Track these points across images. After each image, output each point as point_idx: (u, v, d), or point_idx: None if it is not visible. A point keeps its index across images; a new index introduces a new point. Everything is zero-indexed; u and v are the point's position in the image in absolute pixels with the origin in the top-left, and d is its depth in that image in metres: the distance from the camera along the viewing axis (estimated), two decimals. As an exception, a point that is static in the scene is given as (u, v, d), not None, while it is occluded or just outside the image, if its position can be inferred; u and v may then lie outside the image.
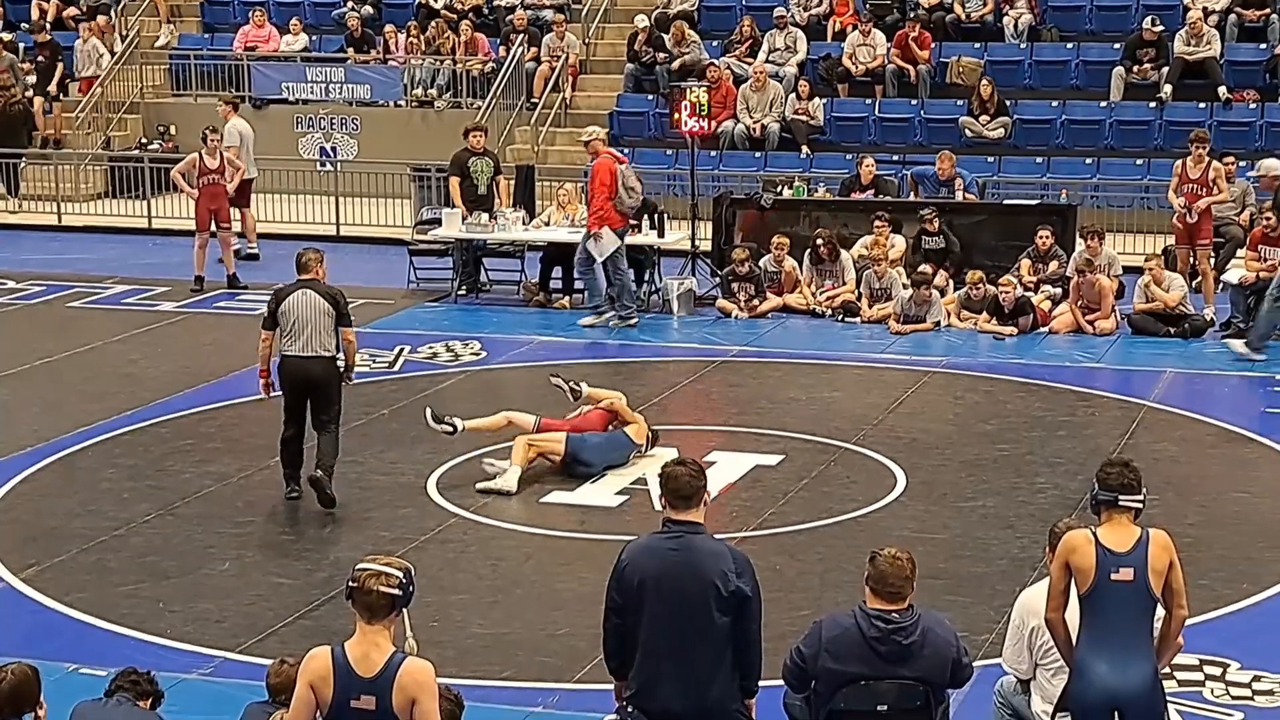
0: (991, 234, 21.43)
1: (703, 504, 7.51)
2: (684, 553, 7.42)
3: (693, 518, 7.48)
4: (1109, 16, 27.32)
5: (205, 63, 29.98)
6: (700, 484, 7.49)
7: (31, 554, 12.33)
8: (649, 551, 7.50)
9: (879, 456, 14.69)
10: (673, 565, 7.41)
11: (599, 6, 29.69)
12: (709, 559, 7.43)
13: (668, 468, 7.54)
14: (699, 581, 7.37)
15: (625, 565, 7.51)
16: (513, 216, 21.23)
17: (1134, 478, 7.68)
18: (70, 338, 19.17)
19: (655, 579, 7.41)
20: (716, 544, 7.55)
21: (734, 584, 7.40)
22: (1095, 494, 7.72)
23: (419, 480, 14.00)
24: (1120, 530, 7.64)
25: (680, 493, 7.48)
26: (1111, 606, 7.56)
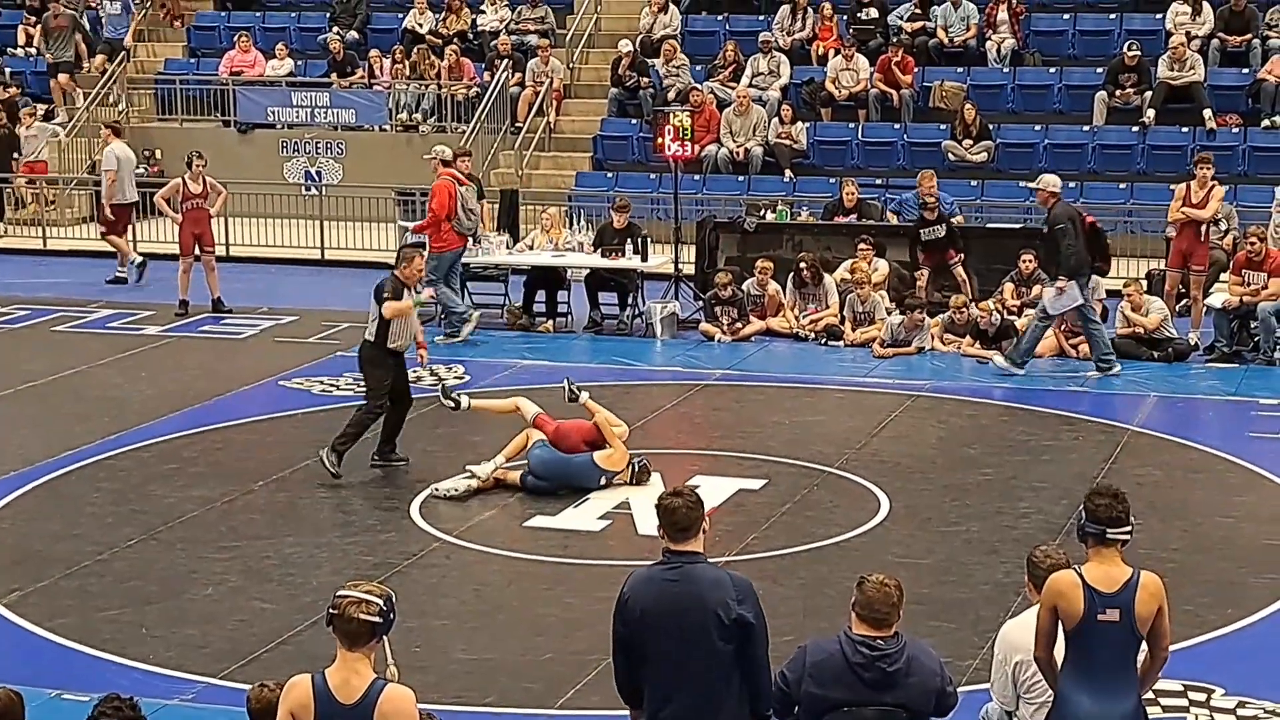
0: (975, 258, 21.45)
1: (701, 534, 7.49)
2: (684, 583, 7.40)
3: (692, 548, 7.46)
4: (1091, 41, 27.40)
5: (191, 87, 29.99)
6: (697, 515, 7.47)
7: (14, 579, 12.30)
8: (649, 583, 7.48)
9: (862, 481, 14.69)
10: (672, 596, 7.39)
11: (583, 32, 29.74)
12: (709, 588, 7.40)
13: (665, 499, 7.52)
14: (700, 611, 7.35)
15: (627, 598, 7.50)
16: (496, 240, 21.24)
17: (1123, 509, 7.59)
18: (55, 361, 19.14)
19: (656, 611, 7.40)
20: (716, 572, 7.52)
21: (735, 611, 7.38)
22: (1083, 525, 7.64)
23: (402, 504, 13.99)
24: (1108, 567, 7.57)
25: (678, 524, 7.46)
26: (1097, 644, 7.53)
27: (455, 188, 20.11)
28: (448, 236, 20.08)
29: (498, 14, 29.75)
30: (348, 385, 18.00)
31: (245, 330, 20.91)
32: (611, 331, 20.81)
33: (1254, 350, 19.21)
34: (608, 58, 28.82)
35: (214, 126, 29.52)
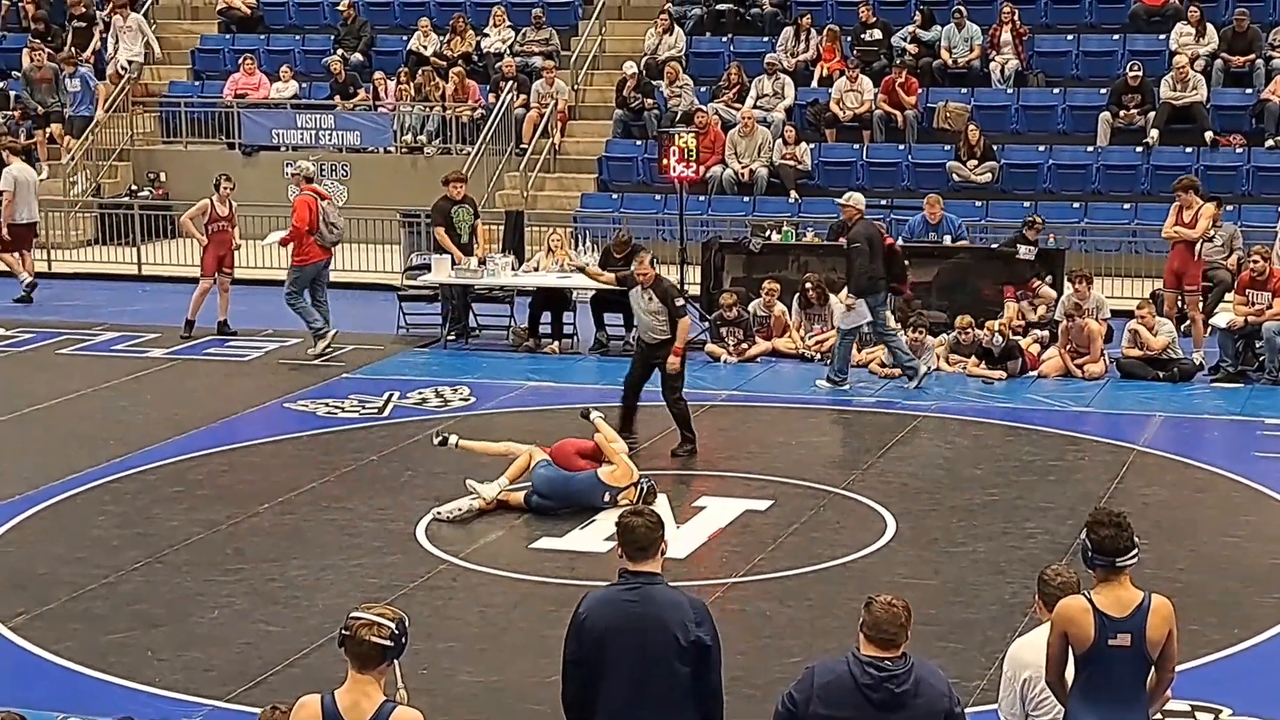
0: (979, 278, 21.46)
1: (660, 554, 7.48)
2: (643, 604, 7.39)
3: (650, 568, 7.45)
4: (1095, 62, 27.42)
5: (195, 110, 30.07)
6: (657, 535, 7.46)
7: (20, 602, 12.30)
8: (607, 603, 7.47)
9: (869, 501, 14.68)
10: (632, 617, 7.38)
11: (588, 53, 29.79)
12: (669, 610, 7.40)
13: (624, 518, 7.52)
14: (660, 633, 7.34)
15: (584, 618, 7.47)
16: (502, 262, 21.27)
17: (1128, 537, 7.56)
18: (60, 385, 19.15)
19: (614, 631, 7.38)
20: (675, 594, 7.52)
21: (694, 634, 7.37)
22: (1091, 557, 7.60)
23: (408, 527, 13.98)
24: (1119, 592, 7.55)
25: (637, 544, 7.45)
26: (1107, 669, 7.52)
27: (316, 203, 20.65)
28: (310, 250, 20.59)
29: (502, 36, 29.81)
30: (352, 407, 18.02)
31: (250, 352, 20.92)
32: (617, 352, 20.78)
33: (1259, 370, 19.20)
34: (612, 79, 28.86)
35: (219, 149, 29.55)
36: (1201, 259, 20.34)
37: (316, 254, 20.66)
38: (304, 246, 20.56)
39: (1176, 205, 20.22)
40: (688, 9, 29.53)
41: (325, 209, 20.66)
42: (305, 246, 20.55)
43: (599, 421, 14.90)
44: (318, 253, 20.68)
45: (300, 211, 20.50)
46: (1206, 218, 20.08)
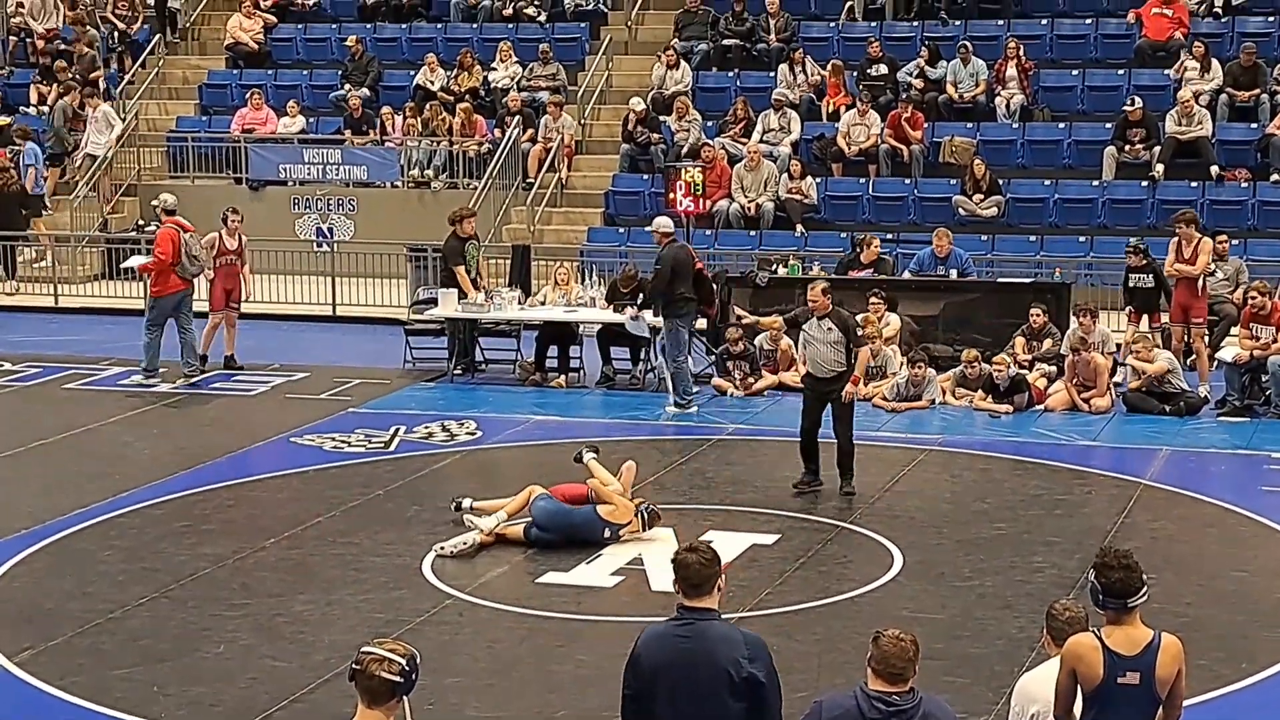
0: (986, 312, 21.48)
1: (716, 590, 7.45)
2: (695, 640, 7.36)
3: (705, 604, 7.41)
4: (1100, 97, 27.47)
5: (203, 145, 30.15)
6: (712, 571, 7.42)
7: (27, 637, 12.28)
8: (660, 639, 7.44)
9: (876, 535, 14.66)
10: (684, 653, 7.35)
11: (594, 88, 29.85)
12: (721, 645, 7.36)
13: (680, 555, 7.48)
14: (711, 669, 7.31)
15: (639, 654, 7.45)
16: (508, 296, 21.30)
17: (1138, 577, 7.53)
18: (66, 419, 19.17)
19: (667, 667, 7.35)
20: (729, 629, 7.48)
21: (747, 670, 7.32)
22: (1102, 599, 7.57)
23: (414, 561, 13.96)
24: (1129, 630, 7.53)
25: (691, 580, 7.42)
26: (1115, 706, 7.50)
27: (179, 235, 21.04)
28: (169, 281, 21.01)
29: (509, 71, 29.88)
30: (359, 442, 18.03)
31: (257, 387, 20.93)
32: (624, 387, 20.82)
33: (1265, 404, 19.21)
34: (619, 114, 28.93)
35: (226, 184, 29.62)
36: (1207, 293, 20.35)
37: (176, 285, 21.08)
38: (164, 278, 21.01)
39: (1176, 241, 20.24)
40: (694, 44, 29.60)
41: (188, 241, 21.07)
42: (165, 278, 20.98)
43: (592, 464, 14.85)
44: (177, 284, 21.08)
45: (162, 244, 21.02)
46: (1205, 253, 20.09)
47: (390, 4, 32.03)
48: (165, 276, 21.00)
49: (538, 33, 30.80)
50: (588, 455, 14.98)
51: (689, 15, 30.01)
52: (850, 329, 15.66)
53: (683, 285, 19.28)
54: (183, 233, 21.09)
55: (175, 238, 20.94)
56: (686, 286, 19.30)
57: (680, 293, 19.28)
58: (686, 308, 19.39)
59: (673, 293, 19.25)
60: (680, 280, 19.25)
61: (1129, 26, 28.16)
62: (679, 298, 19.27)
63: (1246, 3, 28.21)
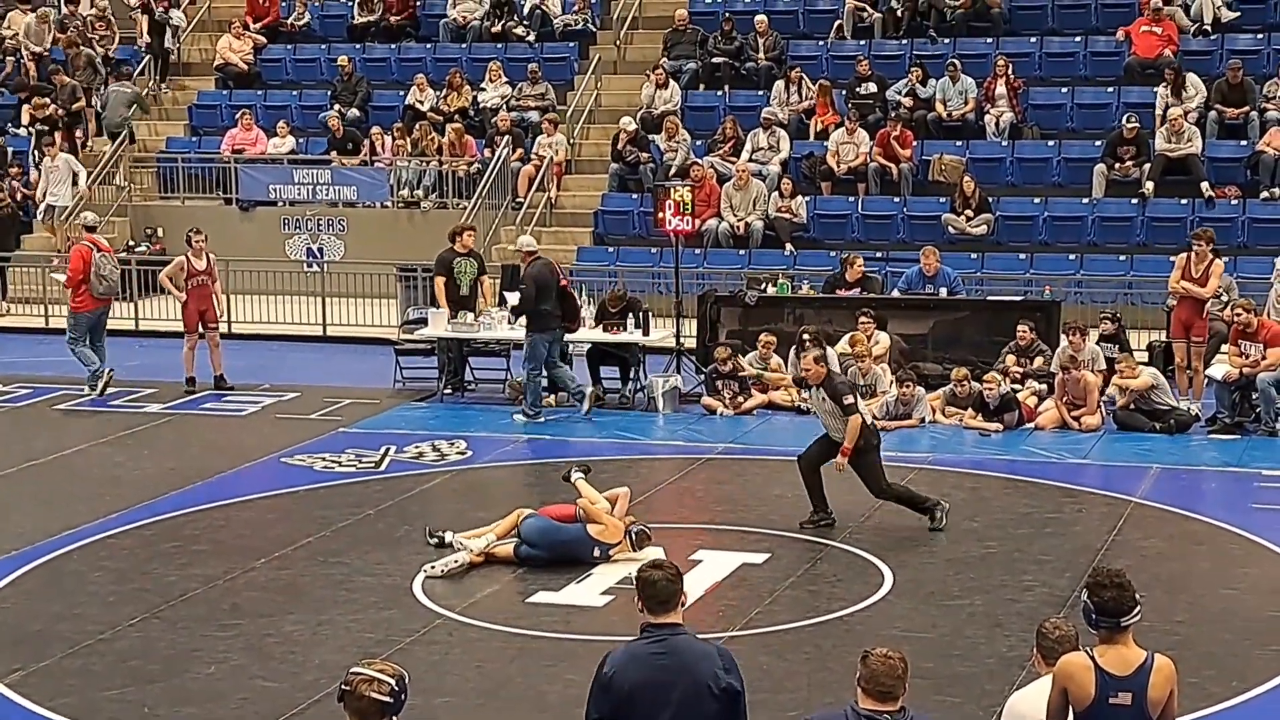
0: (975, 330, 21.50)
1: (680, 605, 7.48)
2: (671, 656, 7.38)
3: (672, 620, 7.45)
4: (1089, 114, 27.52)
5: (193, 165, 30.15)
6: (677, 587, 7.46)
7: (16, 658, 12.26)
8: (634, 659, 7.44)
9: (866, 554, 14.66)
10: (661, 671, 7.36)
11: (583, 108, 29.88)
12: (698, 660, 7.39)
13: (644, 572, 7.51)
14: (692, 684, 7.33)
15: (611, 675, 7.43)
16: (498, 316, 21.30)
17: (1131, 596, 7.53)
18: (56, 440, 19.15)
19: (644, 686, 7.35)
20: (701, 644, 7.52)
21: (725, 681, 7.37)
22: (1095, 619, 7.56)
23: (404, 581, 13.95)
24: (1122, 650, 7.53)
25: (657, 597, 7.44)
26: None
27: (91, 254, 21.40)
28: (85, 299, 21.40)
29: (498, 91, 29.91)
30: (349, 461, 18.02)
31: (247, 407, 20.92)
32: (613, 406, 20.82)
33: (1256, 421, 19.22)
34: (608, 133, 28.96)
35: (216, 204, 29.64)
36: (1209, 312, 20.34)
37: (91, 303, 21.46)
38: (80, 295, 21.45)
39: (1185, 257, 20.13)
40: (683, 63, 29.63)
41: (99, 261, 21.42)
42: (81, 295, 21.44)
43: (580, 484, 14.85)
44: (92, 301, 21.46)
45: (74, 261, 21.54)
46: (1217, 276, 20.00)
47: (379, 24, 32.07)
48: (82, 293, 21.41)
49: (527, 53, 30.84)
50: (575, 474, 14.98)
51: (678, 34, 30.06)
52: (839, 398, 15.13)
53: (547, 301, 19.93)
54: (96, 252, 21.46)
55: (86, 255, 21.39)
56: (551, 303, 19.99)
57: (545, 309, 19.93)
58: (551, 323, 20.03)
59: (537, 308, 19.85)
60: (544, 297, 19.87)
61: (1118, 44, 28.22)
62: (543, 313, 19.94)
63: (1235, 20, 28.26)
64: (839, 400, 15.11)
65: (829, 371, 15.56)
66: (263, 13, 32.76)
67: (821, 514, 15.43)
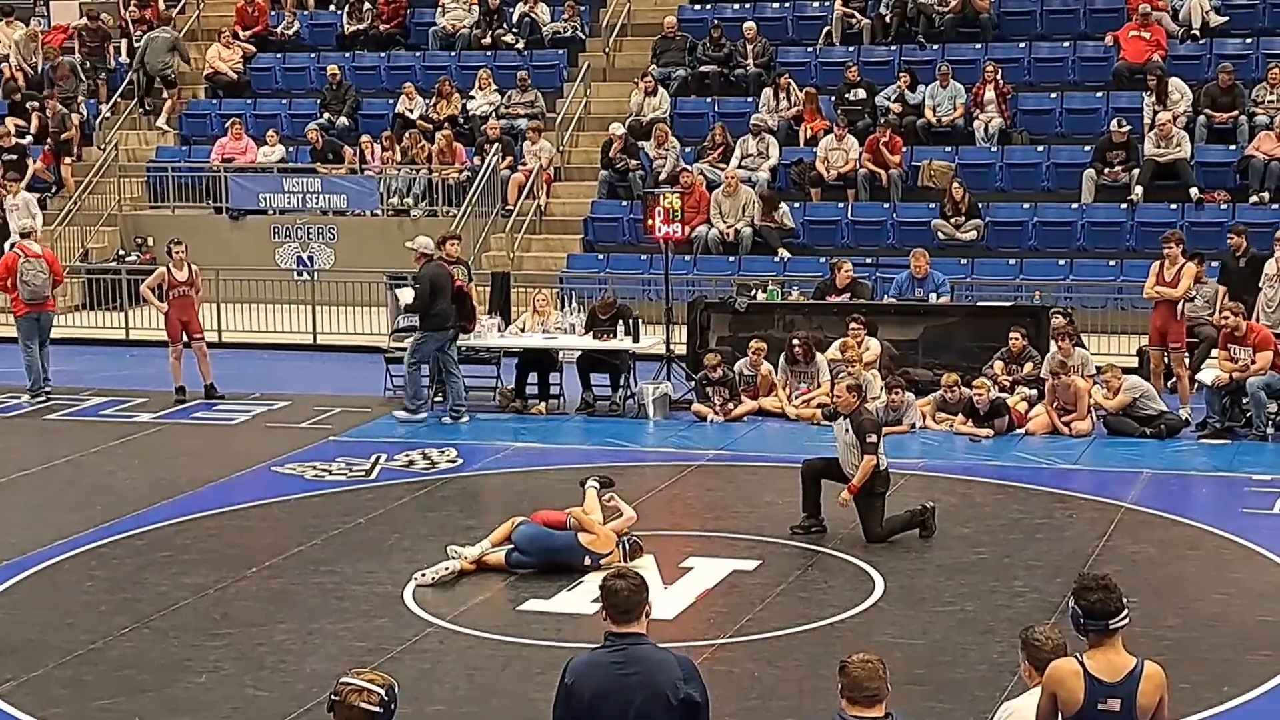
0: (966, 336, 21.52)
1: (644, 616, 7.46)
2: (630, 665, 7.37)
3: (635, 629, 7.43)
4: (1078, 119, 27.55)
5: (183, 175, 30.16)
6: (640, 598, 7.43)
7: (7, 668, 12.24)
8: (594, 667, 7.44)
9: (857, 560, 14.66)
10: (620, 679, 7.35)
11: (573, 115, 29.89)
12: (657, 670, 7.38)
13: (608, 581, 7.49)
14: (650, 694, 7.31)
15: (571, 683, 7.43)
16: (488, 323, 21.30)
17: (1118, 599, 7.53)
18: (48, 450, 19.15)
19: (603, 695, 7.34)
20: (662, 653, 7.50)
21: (683, 691, 7.35)
22: (1082, 623, 7.56)
23: (395, 590, 13.94)
24: (1111, 656, 7.53)
25: (620, 607, 7.43)
26: None
27: (18, 260, 21.92)
28: (17, 304, 22.04)
29: (488, 98, 29.92)
30: (340, 470, 18.02)
31: (238, 416, 20.91)
32: (604, 413, 20.82)
33: (1246, 425, 19.24)
34: (597, 140, 28.97)
35: (206, 213, 29.64)
36: (1185, 317, 20.38)
37: (21, 307, 21.94)
38: (14, 301, 22.07)
39: (1159, 262, 20.28)
40: (672, 70, 29.66)
41: (23, 267, 21.84)
42: (15, 301, 22.06)
43: (588, 492, 14.89)
44: (22, 306, 21.92)
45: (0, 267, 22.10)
46: (1188, 277, 20.13)
47: (369, 33, 32.08)
48: (15, 299, 21.97)
49: (516, 60, 30.85)
50: (591, 483, 15.02)
51: (666, 42, 30.07)
52: (863, 434, 15.00)
53: (442, 302, 20.24)
54: (23, 259, 21.82)
55: (10, 262, 21.92)
56: (446, 303, 20.31)
57: (440, 308, 20.27)
58: (446, 323, 20.38)
59: (433, 308, 20.19)
60: (440, 297, 20.18)
61: (1107, 49, 28.26)
62: (438, 313, 20.28)
63: (1224, 25, 28.30)
64: (861, 436, 15.02)
65: (861, 404, 15.48)
66: (252, 22, 32.76)
67: (813, 520, 15.43)
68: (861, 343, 20.61)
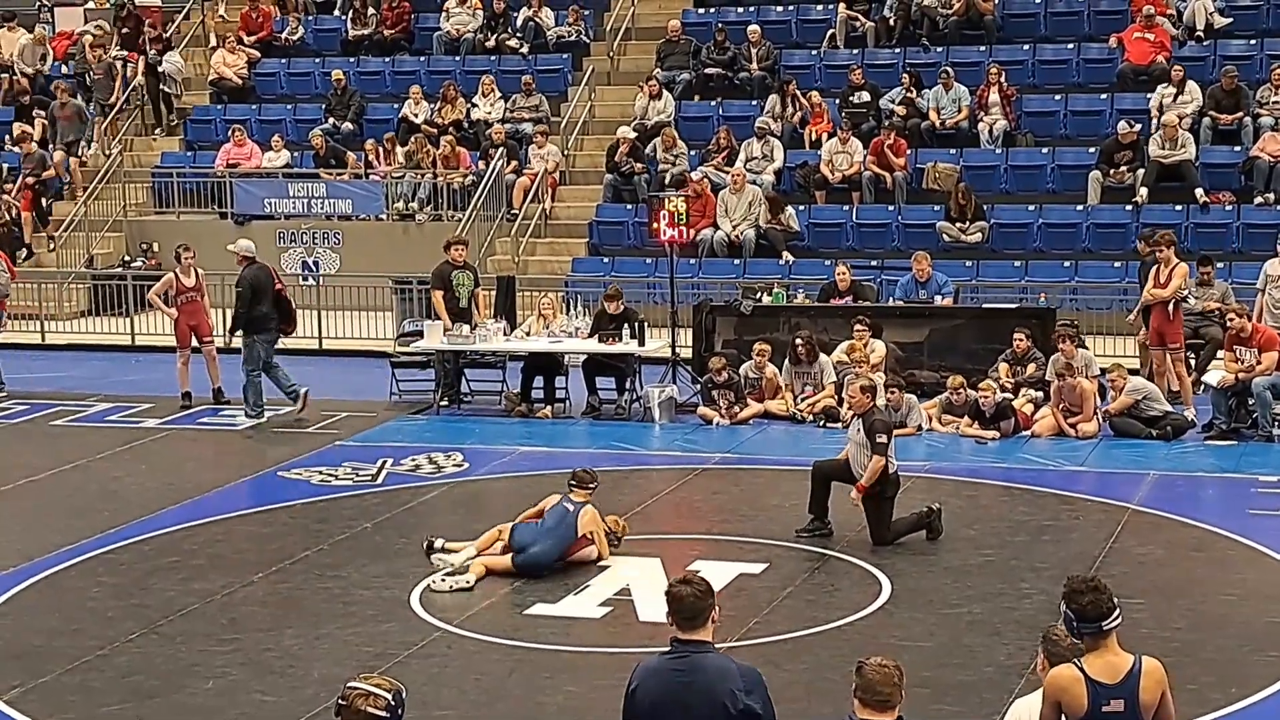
0: (971, 338, 21.51)
1: (710, 622, 7.43)
2: (690, 673, 7.32)
3: (700, 637, 7.37)
4: (1083, 121, 27.55)
5: (188, 180, 30.18)
6: (706, 604, 7.38)
7: (15, 674, 12.25)
8: (655, 674, 7.40)
9: (863, 563, 14.66)
10: (679, 687, 7.31)
11: (577, 119, 29.90)
12: (716, 678, 7.32)
13: (674, 588, 7.44)
14: (708, 703, 7.26)
15: (635, 688, 7.41)
16: (494, 327, 21.32)
17: (1109, 599, 7.55)
18: (54, 456, 19.14)
19: (663, 702, 7.31)
20: (724, 661, 7.44)
21: (743, 702, 7.27)
22: (1077, 626, 7.58)
23: (402, 594, 13.95)
24: (1109, 657, 7.54)
25: (685, 613, 7.39)
26: None
27: None
28: None
29: (492, 103, 29.92)
30: (346, 475, 18.02)
31: (244, 421, 20.91)
32: (609, 416, 20.83)
33: (1252, 427, 19.23)
34: (602, 144, 28.98)
35: (211, 218, 29.64)
36: (1181, 317, 20.33)
37: None
38: None
39: (1156, 266, 20.23)
40: (676, 74, 29.66)
41: None
42: None
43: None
44: None
45: None
46: (1178, 277, 20.10)
47: (373, 38, 32.09)
48: None
49: (520, 64, 30.86)
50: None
51: (671, 45, 30.08)
52: (873, 435, 15.05)
53: (264, 304, 20.60)
54: None
55: None
56: (267, 305, 20.67)
57: (262, 311, 20.60)
58: (269, 325, 20.71)
59: (255, 311, 20.52)
60: (261, 299, 20.56)
61: (1111, 51, 28.26)
62: (260, 316, 20.60)
63: (1228, 26, 28.29)
64: (872, 437, 15.06)
65: (874, 405, 15.51)
66: (256, 27, 32.78)
67: (819, 522, 15.43)
68: (867, 344, 20.60)
